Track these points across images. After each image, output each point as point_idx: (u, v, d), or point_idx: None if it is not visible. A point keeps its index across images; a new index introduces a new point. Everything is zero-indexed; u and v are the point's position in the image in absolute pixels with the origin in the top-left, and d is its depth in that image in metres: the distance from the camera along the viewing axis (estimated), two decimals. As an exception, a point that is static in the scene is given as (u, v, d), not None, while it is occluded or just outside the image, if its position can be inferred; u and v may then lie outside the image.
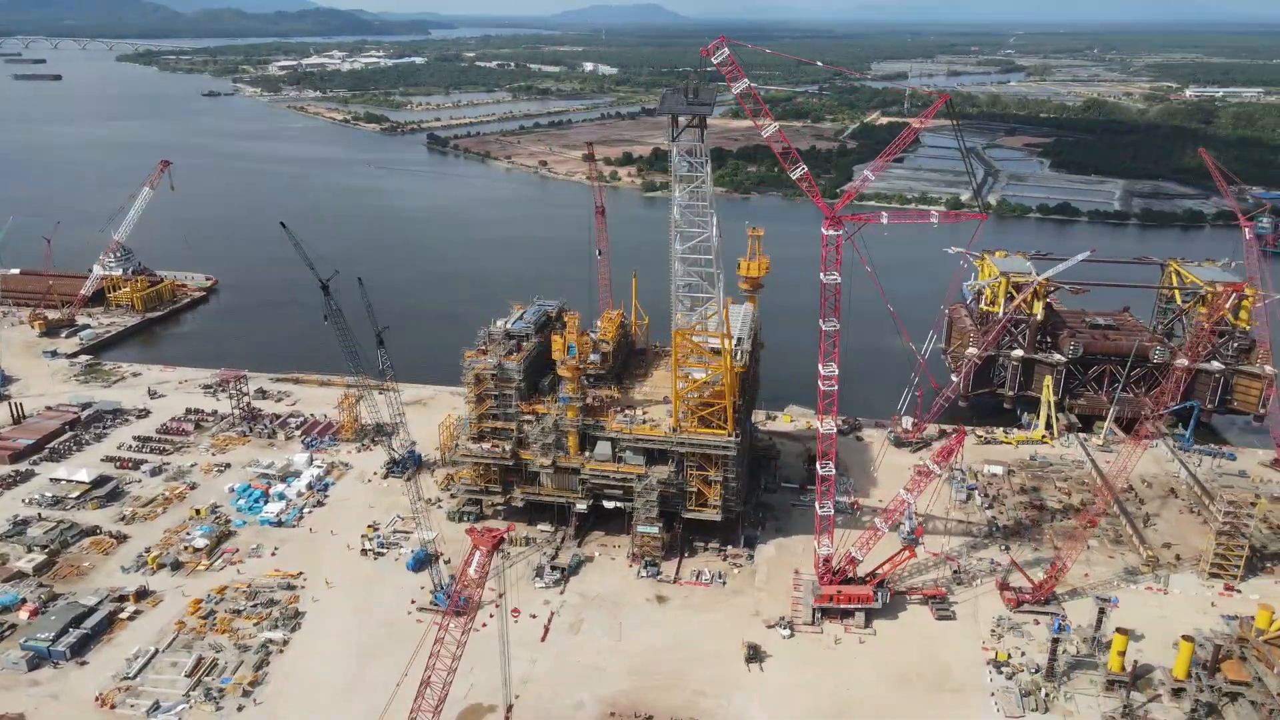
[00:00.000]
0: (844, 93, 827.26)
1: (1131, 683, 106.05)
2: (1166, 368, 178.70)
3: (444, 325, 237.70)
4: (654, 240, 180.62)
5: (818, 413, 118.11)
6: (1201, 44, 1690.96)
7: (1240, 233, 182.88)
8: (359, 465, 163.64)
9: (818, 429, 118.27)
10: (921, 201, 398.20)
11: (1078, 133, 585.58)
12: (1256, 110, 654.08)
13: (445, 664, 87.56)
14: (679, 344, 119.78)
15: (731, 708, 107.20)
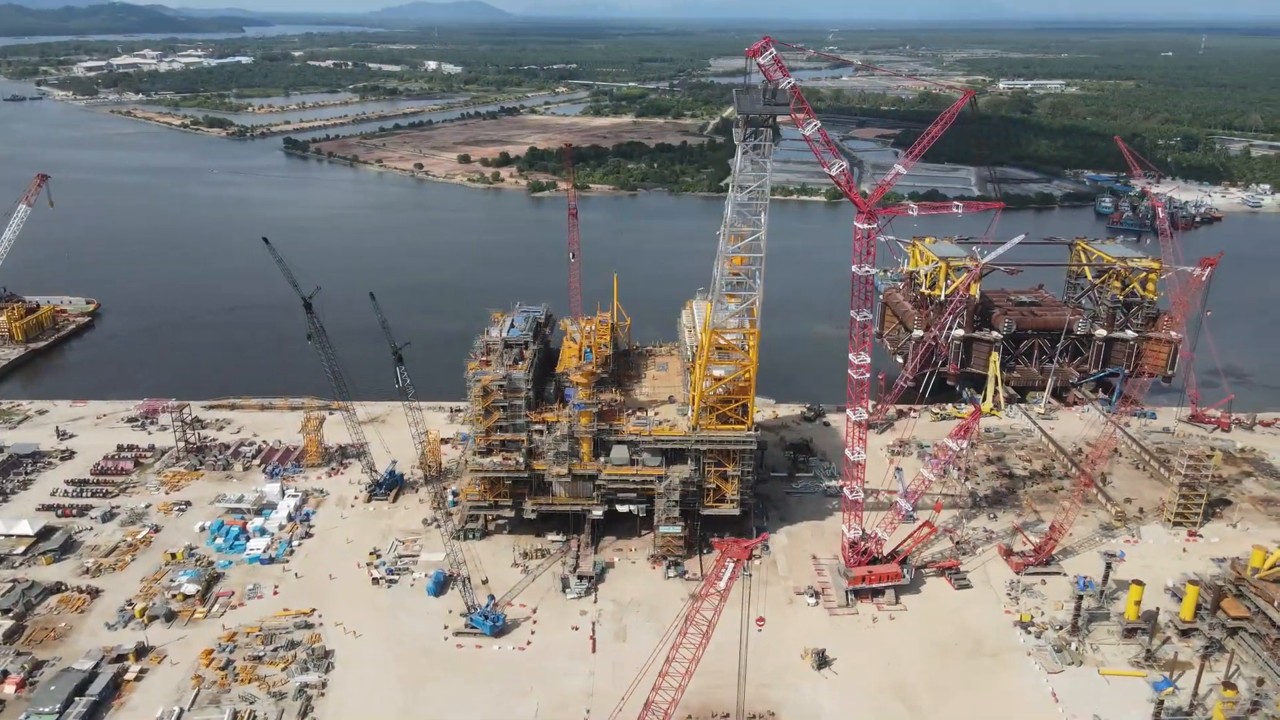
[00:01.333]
0: (695, 89, 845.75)
1: (1152, 630, 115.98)
2: (1088, 339, 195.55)
3: (379, 338, 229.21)
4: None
5: (847, 401, 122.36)
6: (998, 41, 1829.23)
7: (1085, 212, 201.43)
8: (335, 490, 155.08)
9: (849, 417, 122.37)
10: (802, 193, 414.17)
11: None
12: (1068, 100, 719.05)
13: (693, 643, 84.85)
14: (710, 342, 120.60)
15: (800, 697, 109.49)
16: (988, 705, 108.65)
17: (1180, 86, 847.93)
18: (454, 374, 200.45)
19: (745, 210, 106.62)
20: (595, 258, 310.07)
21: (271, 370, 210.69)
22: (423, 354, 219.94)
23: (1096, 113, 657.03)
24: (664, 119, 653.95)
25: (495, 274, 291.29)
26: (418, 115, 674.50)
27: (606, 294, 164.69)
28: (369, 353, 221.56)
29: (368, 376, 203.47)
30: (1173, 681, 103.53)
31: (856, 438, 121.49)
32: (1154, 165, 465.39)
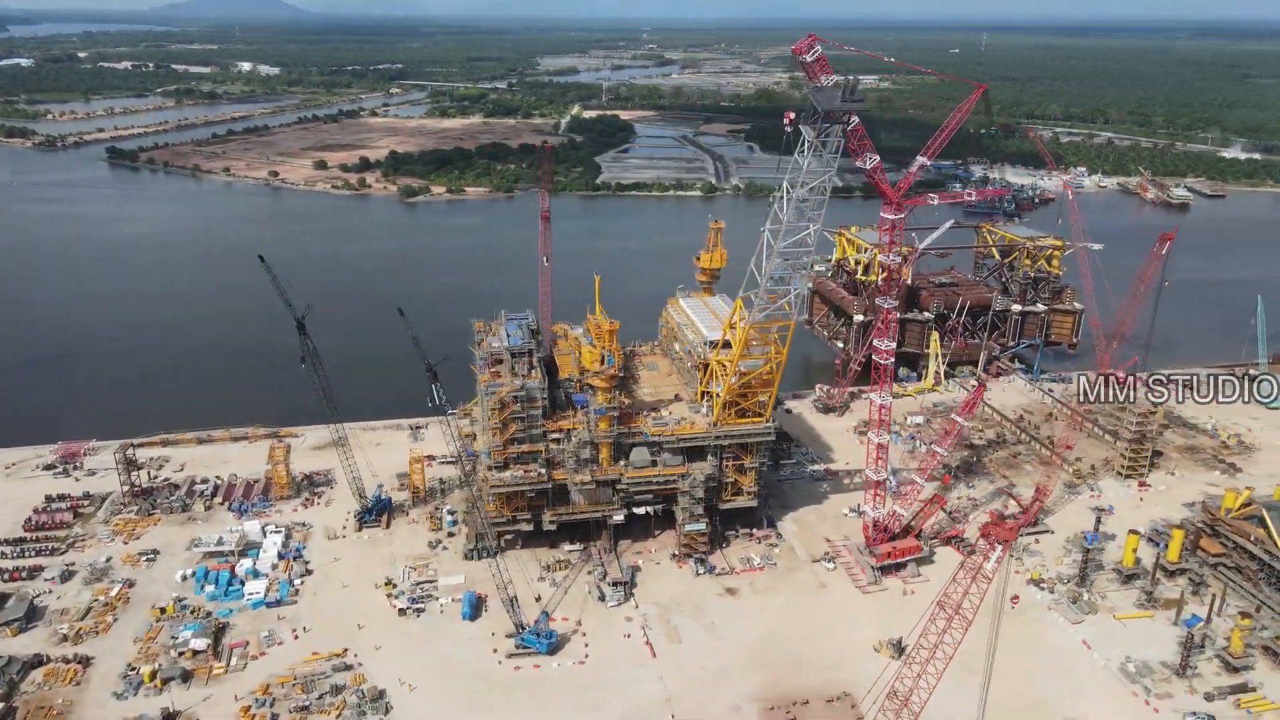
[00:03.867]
0: (535, 88, 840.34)
1: (1154, 574, 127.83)
2: (1005, 314, 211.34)
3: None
4: (486, 245, 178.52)
5: (871, 384, 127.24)
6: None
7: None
8: (318, 522, 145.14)
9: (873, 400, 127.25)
10: (678, 188, 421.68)
11: (764, 118, 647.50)
12: (890, 94, 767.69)
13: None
14: (747, 337, 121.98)
15: (867, 675, 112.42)
16: (1030, 658, 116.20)
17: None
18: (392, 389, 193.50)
19: (805, 206, 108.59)
20: (512, 260, 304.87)
21: (195, 399, 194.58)
22: (356, 370, 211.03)
23: (916, 105, 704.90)
24: (514, 119, 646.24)
25: (409, 283, 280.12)
26: (248, 119, 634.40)
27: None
28: (297, 373, 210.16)
29: (308, 398, 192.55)
30: (1201, 618, 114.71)
31: (879, 419, 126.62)
32: (982, 153, 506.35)
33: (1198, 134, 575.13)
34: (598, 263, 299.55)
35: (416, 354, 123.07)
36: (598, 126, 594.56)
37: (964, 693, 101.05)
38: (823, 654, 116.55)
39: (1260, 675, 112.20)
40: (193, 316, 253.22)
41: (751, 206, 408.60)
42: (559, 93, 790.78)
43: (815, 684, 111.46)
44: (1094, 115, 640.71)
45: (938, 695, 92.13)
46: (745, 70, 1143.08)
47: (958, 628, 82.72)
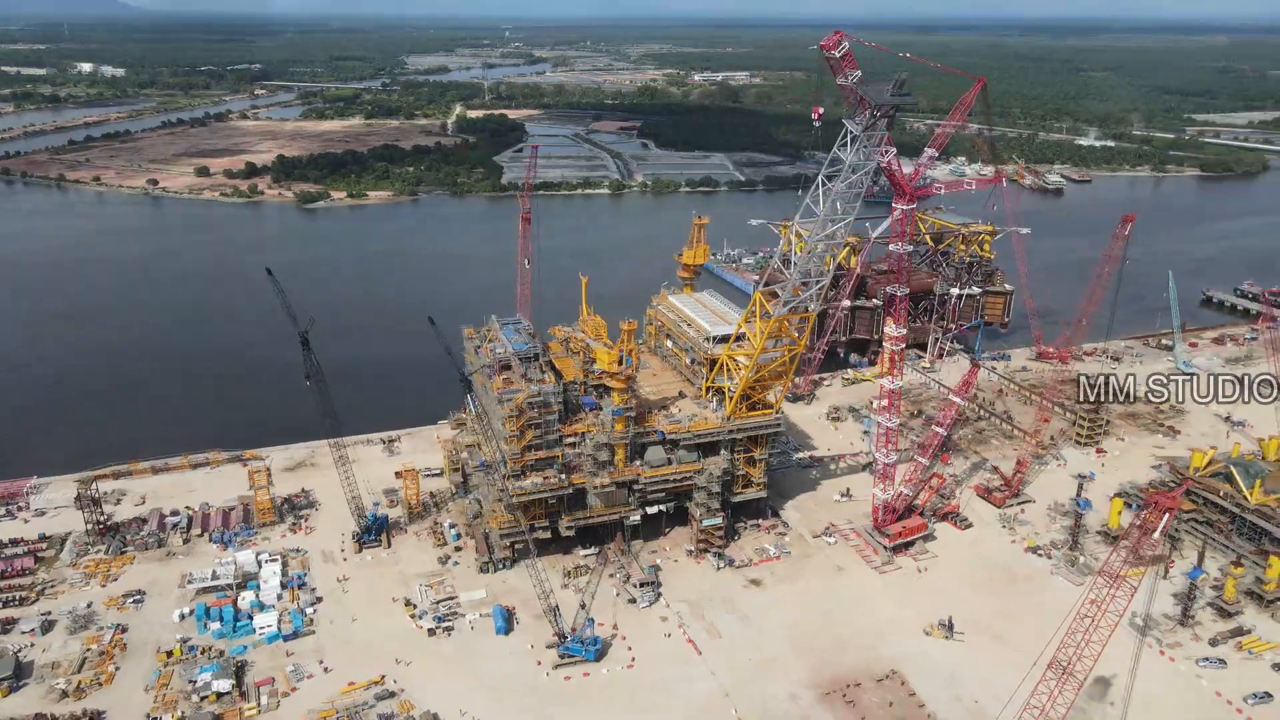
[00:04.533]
0: (411, 88, 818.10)
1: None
2: (944, 298, 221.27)
3: (259, 376, 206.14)
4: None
5: (882, 370, 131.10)
6: (666, 36, 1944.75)
7: None
8: (312, 546, 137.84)
9: (880, 384, 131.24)
10: (586, 186, 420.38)
11: (654, 115, 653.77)
12: (770, 89, 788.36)
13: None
14: (770, 329, 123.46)
15: (915, 652, 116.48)
16: (1046, 621, 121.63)
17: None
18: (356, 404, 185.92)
19: (845, 197, 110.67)
20: (440, 265, 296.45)
21: (139, 426, 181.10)
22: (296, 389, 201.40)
23: (795, 100, 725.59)
24: (398, 120, 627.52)
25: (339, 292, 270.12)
26: (103, 124, 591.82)
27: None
28: (248, 392, 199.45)
29: (265, 418, 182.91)
30: (1203, 570, 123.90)
31: (890, 402, 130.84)
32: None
33: (1053, 124, 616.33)
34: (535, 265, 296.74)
35: (379, 367, 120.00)
36: (488, 126, 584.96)
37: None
38: (858, 635, 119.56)
39: (1250, 618, 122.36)
40: (116, 338, 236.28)
41: (660, 203, 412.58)
42: (437, 92, 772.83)
43: (861, 665, 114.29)
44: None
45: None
46: (618, 68, 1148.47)
47: (1123, 596, 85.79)
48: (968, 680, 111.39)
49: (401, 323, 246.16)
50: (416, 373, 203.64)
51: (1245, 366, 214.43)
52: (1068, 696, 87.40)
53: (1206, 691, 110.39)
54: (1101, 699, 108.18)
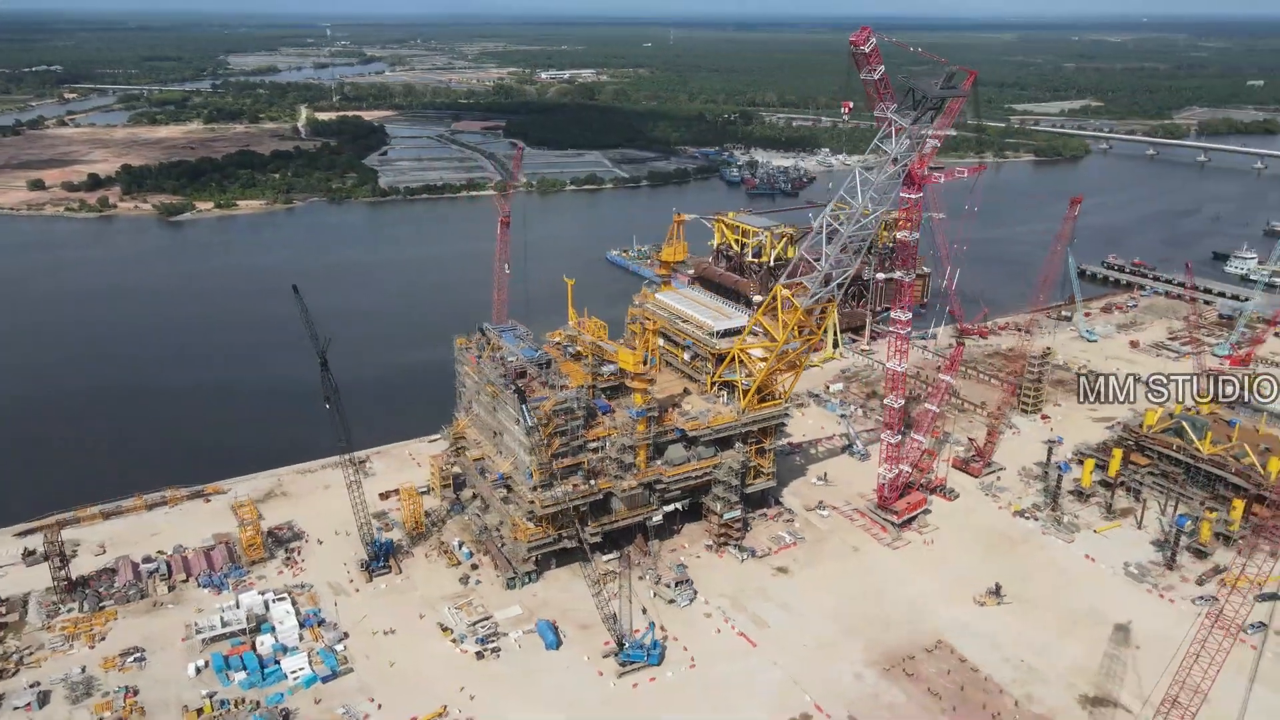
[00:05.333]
0: (242, 90, 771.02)
1: (1112, 493, 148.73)
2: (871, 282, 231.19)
3: (197, 403, 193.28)
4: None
5: (888, 353, 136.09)
6: (498, 35, 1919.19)
7: (714, 182, 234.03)
8: (316, 580, 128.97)
9: (886, 367, 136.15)
10: (471, 188, 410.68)
11: (512, 114, 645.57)
12: (625, 86, 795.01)
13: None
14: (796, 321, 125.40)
15: (954, 620, 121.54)
16: (1056, 578, 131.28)
17: (687, 72, 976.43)
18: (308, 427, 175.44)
19: (884, 189, 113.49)
20: (341, 276, 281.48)
21: (71, 468, 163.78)
22: (253, 410, 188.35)
23: (650, 97, 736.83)
24: (242, 124, 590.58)
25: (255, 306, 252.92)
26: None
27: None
28: (185, 420, 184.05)
29: (215, 448, 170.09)
30: (1188, 518, 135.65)
31: (894, 385, 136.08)
32: (735, 139, 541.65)
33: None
34: (450, 270, 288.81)
35: (319, 387, 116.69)
36: (344, 129, 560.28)
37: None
38: (896, 610, 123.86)
39: (1221, 557, 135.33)
40: (12, 376, 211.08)
41: (549, 202, 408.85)
42: (277, 94, 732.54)
43: (907, 638, 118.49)
44: (806, 102, 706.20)
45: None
46: (459, 66, 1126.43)
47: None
48: (1008, 642, 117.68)
49: (346, 338, 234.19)
50: (373, 389, 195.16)
51: (1135, 331, 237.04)
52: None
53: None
54: (1127, 643, 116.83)
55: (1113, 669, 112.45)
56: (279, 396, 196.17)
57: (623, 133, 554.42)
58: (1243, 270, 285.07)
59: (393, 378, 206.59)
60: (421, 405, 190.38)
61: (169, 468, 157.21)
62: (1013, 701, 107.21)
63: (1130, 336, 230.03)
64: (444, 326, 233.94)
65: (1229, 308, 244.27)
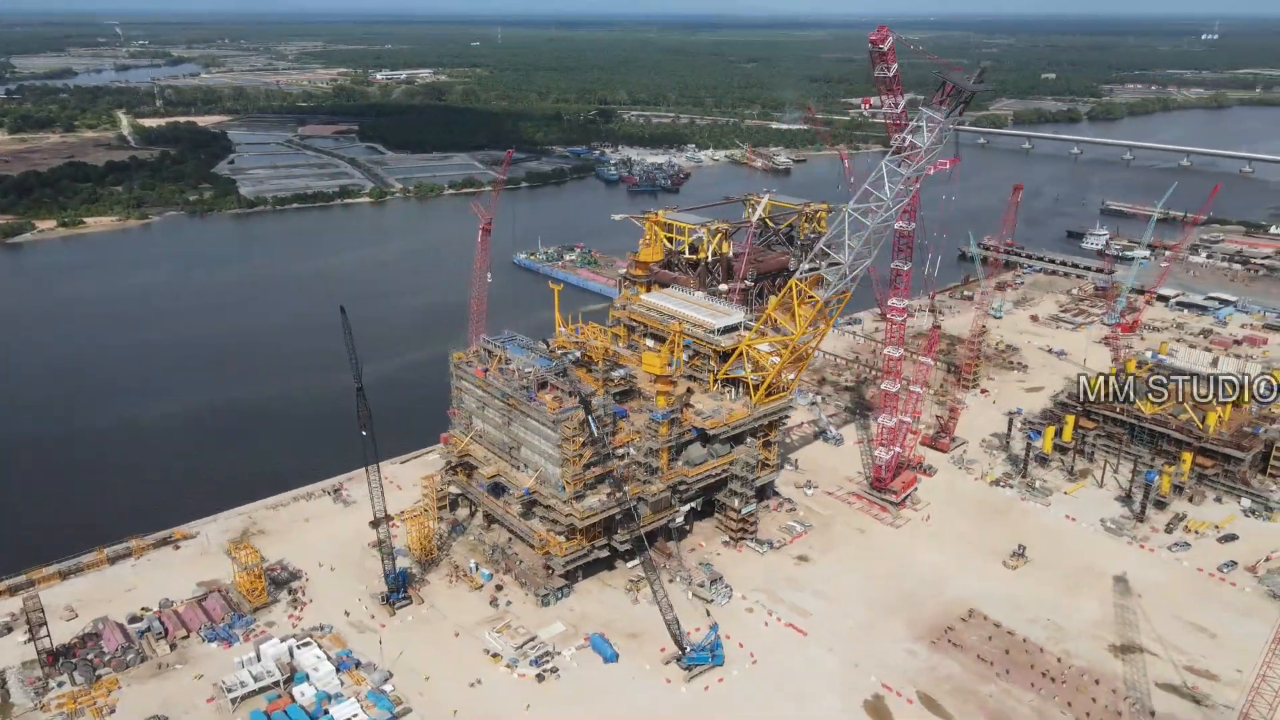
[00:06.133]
0: (45, 95, 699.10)
1: (1075, 457, 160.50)
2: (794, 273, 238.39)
3: (131, 442, 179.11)
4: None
5: (885, 340, 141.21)
6: (311, 34, 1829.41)
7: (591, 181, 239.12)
8: (333, 620, 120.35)
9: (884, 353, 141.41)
10: (344, 196, 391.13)
11: (361, 117, 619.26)
12: (473, 86, 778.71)
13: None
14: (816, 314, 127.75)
15: (976, 588, 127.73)
16: (1047, 540, 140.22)
17: (527, 71, 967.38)
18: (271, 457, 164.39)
19: (911, 184, 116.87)
20: (254, 289, 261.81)
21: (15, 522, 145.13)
22: (204, 444, 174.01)
23: (501, 96, 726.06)
24: (56, 133, 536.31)
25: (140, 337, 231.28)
26: None
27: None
28: (124, 460, 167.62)
29: (167, 489, 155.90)
30: (1157, 472, 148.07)
31: (894, 371, 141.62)
32: (603, 138, 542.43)
33: (744, 111, 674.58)
34: (358, 282, 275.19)
35: (279, 411, 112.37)
36: (181, 136, 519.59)
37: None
38: (921, 585, 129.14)
39: (1179, 506, 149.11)
40: None
41: (431, 208, 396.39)
42: (85, 99, 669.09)
43: (941, 610, 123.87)
44: (656, 99, 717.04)
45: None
46: (282, 68, 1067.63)
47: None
48: (1029, 603, 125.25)
49: (277, 358, 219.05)
50: (327, 414, 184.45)
51: (1030, 306, 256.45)
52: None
53: (1189, 570, 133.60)
54: (1129, 593, 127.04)
55: (1126, 618, 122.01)
56: (221, 428, 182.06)
57: (484, 134, 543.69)
58: (1098, 246, 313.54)
59: (345, 400, 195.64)
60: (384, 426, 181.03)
61: (121, 516, 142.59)
62: (1055, 659, 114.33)
63: (1029, 311, 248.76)
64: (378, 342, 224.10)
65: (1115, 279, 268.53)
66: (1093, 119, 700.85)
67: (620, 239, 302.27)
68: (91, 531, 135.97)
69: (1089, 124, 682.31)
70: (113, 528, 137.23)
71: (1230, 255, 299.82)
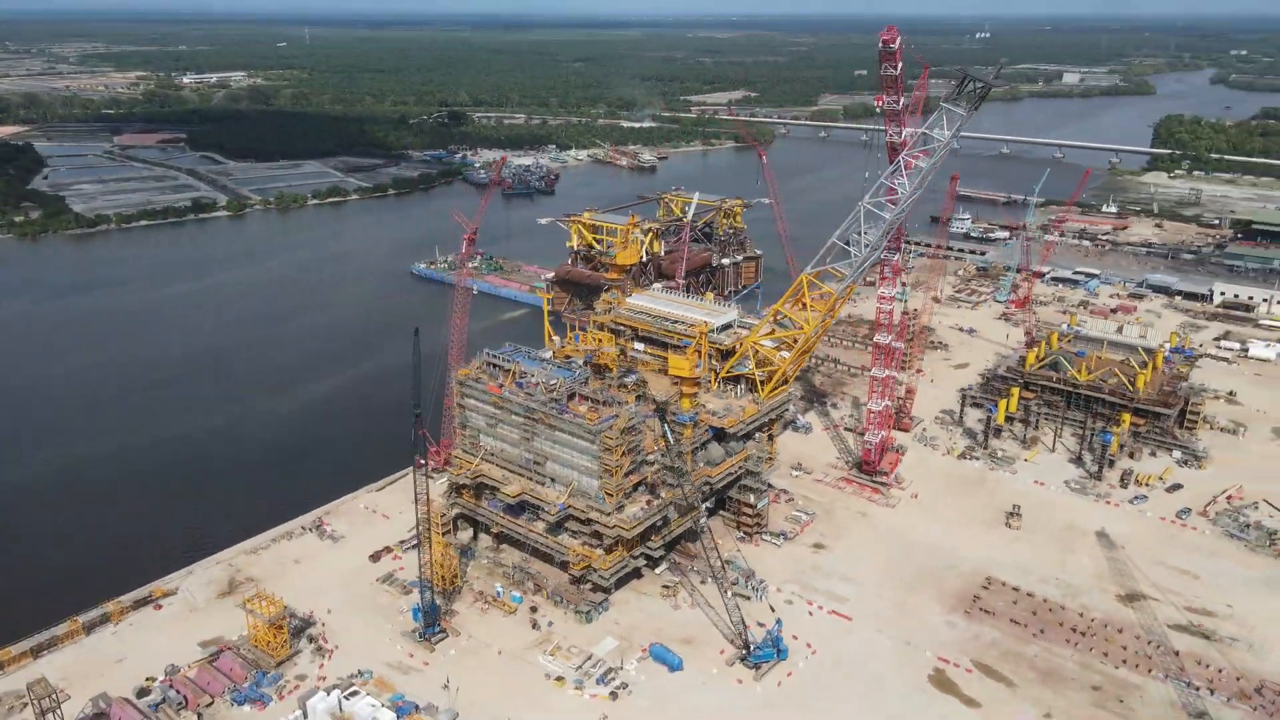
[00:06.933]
0: None
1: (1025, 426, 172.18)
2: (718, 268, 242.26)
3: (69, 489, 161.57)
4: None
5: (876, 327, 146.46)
6: (88, 34, 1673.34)
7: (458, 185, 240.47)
8: (368, 664, 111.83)
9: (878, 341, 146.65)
10: (198, 210, 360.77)
11: (186, 125, 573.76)
12: (305, 89, 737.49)
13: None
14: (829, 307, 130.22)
15: (982, 557, 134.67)
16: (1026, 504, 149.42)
17: (351, 73, 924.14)
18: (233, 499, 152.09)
19: (927, 175, 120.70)
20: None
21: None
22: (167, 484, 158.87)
23: (335, 100, 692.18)
24: None
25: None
26: None
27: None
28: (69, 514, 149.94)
29: (126, 543, 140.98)
30: (1112, 435, 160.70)
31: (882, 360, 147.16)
32: (458, 141, 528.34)
33: (589, 110, 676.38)
34: (232, 304, 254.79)
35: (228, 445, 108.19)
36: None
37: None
38: (934, 559, 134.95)
39: (1124, 463, 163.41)
40: None
41: (294, 219, 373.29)
42: None
43: (961, 581, 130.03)
44: (500, 101, 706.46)
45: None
46: (69, 71, 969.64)
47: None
48: (1035, 565, 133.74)
49: (198, 390, 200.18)
50: (271, 443, 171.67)
51: (927, 289, 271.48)
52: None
53: (1153, 520, 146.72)
54: (1113, 546, 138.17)
55: (1120, 569, 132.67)
56: (159, 471, 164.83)
57: (331, 139, 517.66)
58: (964, 229, 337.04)
59: (289, 427, 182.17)
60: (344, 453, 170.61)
61: (81, 579, 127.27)
62: (1076, 614, 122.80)
63: (930, 293, 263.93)
64: (299, 366, 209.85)
65: (992, 260, 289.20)
66: (911, 112, 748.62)
67: (519, 244, 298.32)
68: (54, 600, 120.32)
69: (909, 117, 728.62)
70: (76, 593, 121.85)
71: (1077, 233, 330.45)
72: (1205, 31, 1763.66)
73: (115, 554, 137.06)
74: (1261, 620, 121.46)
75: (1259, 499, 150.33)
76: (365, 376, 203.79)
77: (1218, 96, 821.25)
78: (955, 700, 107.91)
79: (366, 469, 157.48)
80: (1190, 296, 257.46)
